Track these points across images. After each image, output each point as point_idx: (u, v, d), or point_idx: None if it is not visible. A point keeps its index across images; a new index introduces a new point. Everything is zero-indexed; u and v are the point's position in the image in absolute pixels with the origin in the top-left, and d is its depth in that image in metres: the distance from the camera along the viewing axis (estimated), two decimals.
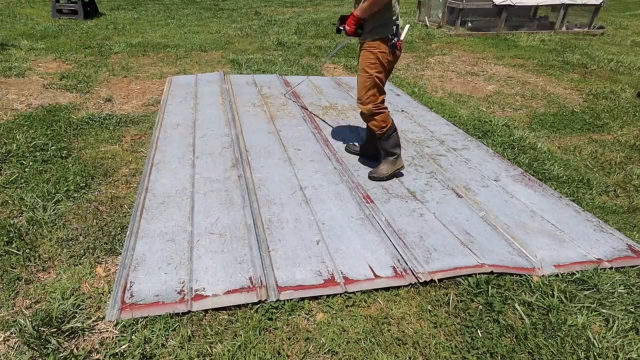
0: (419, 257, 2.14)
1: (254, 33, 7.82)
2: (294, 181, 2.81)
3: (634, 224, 2.57)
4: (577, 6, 8.51)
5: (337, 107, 4.21)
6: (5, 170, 2.80)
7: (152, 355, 1.61)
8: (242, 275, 1.97)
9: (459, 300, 1.93)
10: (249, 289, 1.90)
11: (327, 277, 1.99)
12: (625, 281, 2.07)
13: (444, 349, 1.70)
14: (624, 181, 3.11)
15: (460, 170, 3.07)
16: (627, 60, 6.51)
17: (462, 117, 4.16)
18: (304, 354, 1.65)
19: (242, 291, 1.89)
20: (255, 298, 1.85)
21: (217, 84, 4.71)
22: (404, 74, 5.64)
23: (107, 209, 2.47)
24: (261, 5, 11.71)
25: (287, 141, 3.39)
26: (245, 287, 1.91)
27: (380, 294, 1.94)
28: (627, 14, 11.65)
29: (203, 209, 2.46)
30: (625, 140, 3.82)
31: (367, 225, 2.38)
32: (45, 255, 2.09)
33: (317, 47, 6.89)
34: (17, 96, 4.17)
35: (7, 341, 1.63)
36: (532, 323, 1.82)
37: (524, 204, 2.67)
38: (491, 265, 2.08)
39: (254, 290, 1.89)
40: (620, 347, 1.72)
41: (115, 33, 7.29)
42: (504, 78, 5.57)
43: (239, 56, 6.06)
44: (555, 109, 4.52)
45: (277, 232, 2.29)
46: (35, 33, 6.88)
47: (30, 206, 2.42)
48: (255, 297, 1.86)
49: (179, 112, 3.87)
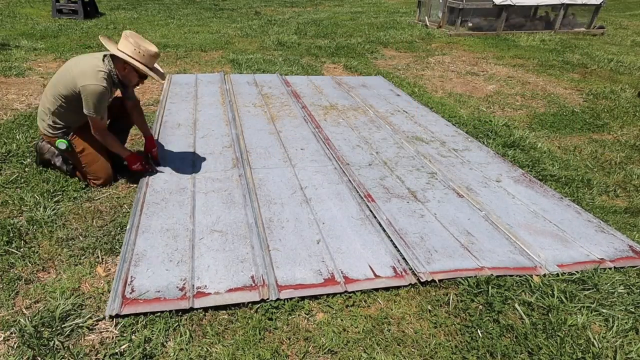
0: (420, 257, 2.14)
1: (254, 33, 7.82)
2: (295, 181, 2.81)
3: (634, 224, 2.57)
4: (577, 6, 8.52)
5: (338, 107, 4.21)
6: (5, 170, 2.80)
7: (152, 355, 1.61)
8: (244, 273, 1.97)
9: (459, 300, 1.93)
10: (251, 287, 1.90)
11: (327, 276, 1.99)
12: (625, 281, 2.07)
13: (444, 349, 1.70)
14: (624, 181, 3.11)
15: (461, 171, 3.07)
16: (627, 60, 6.51)
17: (462, 117, 4.16)
18: (304, 354, 1.65)
19: (244, 289, 1.89)
20: (257, 297, 1.85)
21: (217, 84, 4.71)
22: (404, 74, 5.63)
23: (107, 209, 2.47)
24: (261, 5, 11.71)
25: (287, 141, 3.39)
26: (247, 285, 1.91)
27: (380, 294, 1.94)
28: (627, 14, 11.65)
29: (204, 207, 2.47)
30: (626, 140, 3.82)
31: (367, 225, 2.38)
32: (45, 255, 2.09)
33: (317, 47, 6.89)
34: (17, 96, 4.17)
35: (7, 341, 1.63)
36: (532, 323, 1.82)
37: (526, 204, 2.67)
38: (491, 268, 2.08)
39: (256, 289, 1.89)
40: (620, 347, 1.71)
41: (115, 33, 7.28)
42: (504, 78, 5.57)
43: (239, 56, 6.06)
44: (555, 109, 4.52)
45: (278, 232, 2.29)
46: (35, 33, 6.88)
47: (30, 206, 2.42)
48: (257, 295, 1.86)
49: (179, 112, 3.87)
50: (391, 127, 3.78)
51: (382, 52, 6.82)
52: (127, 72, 2.46)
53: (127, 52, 2.37)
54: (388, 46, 7.20)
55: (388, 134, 3.64)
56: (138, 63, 2.38)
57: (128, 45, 2.36)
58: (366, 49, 6.89)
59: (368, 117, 3.99)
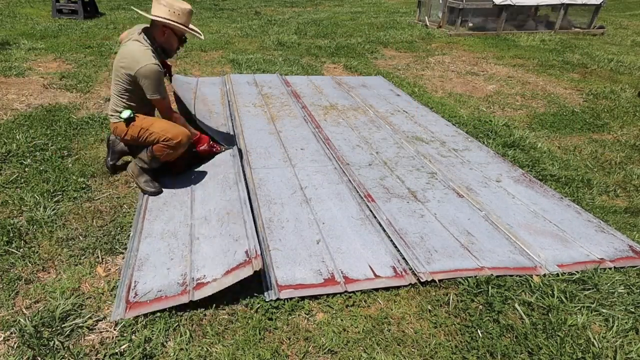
0: (420, 257, 2.14)
1: (254, 33, 7.82)
2: (295, 181, 2.81)
3: (634, 224, 2.57)
4: (577, 6, 8.51)
5: (338, 107, 4.21)
6: (5, 170, 2.80)
7: (152, 355, 1.61)
8: (239, 251, 1.94)
9: (459, 300, 1.93)
10: (245, 263, 1.85)
11: (327, 276, 1.99)
12: (625, 281, 2.07)
13: (444, 348, 1.70)
14: (624, 181, 3.11)
15: (461, 171, 3.07)
16: (627, 60, 6.51)
17: (462, 117, 4.16)
18: (304, 353, 1.65)
19: (239, 267, 1.85)
20: (251, 270, 1.80)
21: (218, 85, 4.71)
22: (404, 74, 5.63)
23: (107, 209, 2.47)
24: (261, 5, 11.70)
25: (287, 141, 3.39)
26: (242, 262, 1.87)
27: (380, 294, 1.94)
28: (627, 13, 11.65)
29: (201, 199, 2.48)
30: (626, 140, 3.82)
31: (367, 225, 2.38)
32: (45, 255, 2.09)
33: (317, 47, 6.89)
34: (17, 96, 4.17)
35: (7, 341, 1.63)
36: (532, 323, 1.82)
37: (526, 204, 2.67)
38: (491, 268, 2.08)
39: (249, 264, 1.83)
40: (620, 347, 1.72)
41: (115, 33, 7.28)
42: (504, 78, 5.57)
43: (239, 56, 6.06)
44: (555, 109, 4.52)
45: (278, 232, 2.29)
46: (35, 33, 6.87)
47: (30, 206, 2.42)
48: (251, 269, 1.80)
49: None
50: (391, 127, 3.78)
51: (382, 52, 6.82)
52: (166, 36, 2.44)
53: (162, 15, 2.36)
54: (388, 46, 7.20)
55: (388, 134, 3.64)
56: (176, 23, 2.38)
57: (162, 9, 2.36)
58: (366, 49, 6.89)
59: (368, 117, 3.99)
